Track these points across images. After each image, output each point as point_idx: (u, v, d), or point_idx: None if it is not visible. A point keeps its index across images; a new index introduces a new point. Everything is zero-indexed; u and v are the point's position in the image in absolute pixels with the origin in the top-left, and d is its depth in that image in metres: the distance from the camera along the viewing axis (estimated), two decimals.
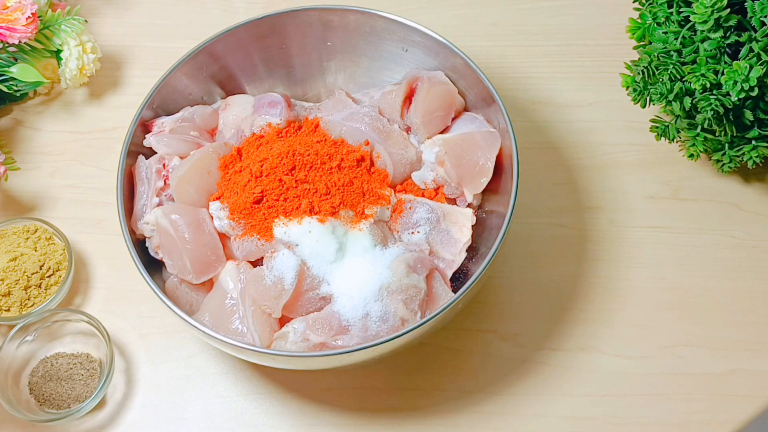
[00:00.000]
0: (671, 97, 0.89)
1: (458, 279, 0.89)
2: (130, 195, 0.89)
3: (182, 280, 0.87)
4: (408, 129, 0.94)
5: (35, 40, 1.04)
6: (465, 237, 0.88)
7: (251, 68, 0.98)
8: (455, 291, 0.86)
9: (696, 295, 0.94)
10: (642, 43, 0.94)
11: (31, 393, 0.89)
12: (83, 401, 0.88)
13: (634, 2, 0.95)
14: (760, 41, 0.84)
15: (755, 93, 0.83)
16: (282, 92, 0.96)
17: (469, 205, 0.91)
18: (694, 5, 0.84)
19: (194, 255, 0.86)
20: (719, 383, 0.89)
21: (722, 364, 0.90)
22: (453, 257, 0.88)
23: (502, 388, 0.90)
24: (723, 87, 0.85)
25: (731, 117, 0.89)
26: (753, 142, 0.91)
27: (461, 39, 0.96)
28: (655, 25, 0.91)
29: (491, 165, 0.90)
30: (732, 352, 0.91)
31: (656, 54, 0.90)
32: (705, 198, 0.99)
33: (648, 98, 0.92)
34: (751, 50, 0.84)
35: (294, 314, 0.85)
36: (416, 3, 1.13)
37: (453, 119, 0.94)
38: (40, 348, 0.91)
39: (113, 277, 0.96)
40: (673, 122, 0.94)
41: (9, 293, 0.92)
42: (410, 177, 0.92)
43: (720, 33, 0.85)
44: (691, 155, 0.95)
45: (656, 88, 0.89)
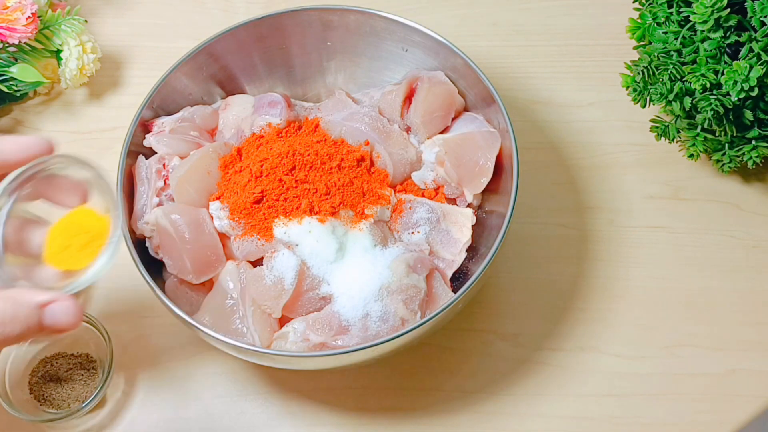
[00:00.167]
0: (671, 97, 0.89)
1: (458, 279, 0.89)
2: (130, 195, 0.89)
3: (182, 280, 0.87)
4: (408, 129, 0.93)
5: (35, 40, 1.04)
6: (465, 237, 0.88)
7: (251, 68, 0.98)
8: (455, 291, 0.86)
9: (696, 295, 0.94)
10: (642, 43, 0.94)
11: (31, 393, 0.89)
12: (83, 401, 0.88)
13: (634, 2, 0.95)
14: (760, 41, 0.84)
15: (755, 93, 0.83)
16: (282, 92, 0.96)
17: (469, 205, 0.91)
18: (694, 5, 0.84)
19: (194, 255, 0.86)
20: (719, 383, 0.89)
21: (722, 364, 0.90)
22: (453, 257, 0.88)
23: (502, 388, 0.90)
24: (723, 87, 0.85)
25: (731, 117, 0.89)
26: (753, 142, 0.91)
27: (461, 39, 0.96)
28: (655, 25, 0.91)
29: (491, 165, 0.90)
30: (732, 352, 0.91)
31: (656, 54, 0.90)
32: (705, 198, 0.99)
33: (648, 98, 0.92)
34: (751, 50, 0.84)
35: (294, 314, 0.85)
36: (416, 3, 1.13)
37: (453, 119, 0.94)
38: (40, 348, 0.91)
39: (113, 277, 0.96)
40: (673, 122, 0.94)
41: None
42: (410, 177, 0.92)
43: (720, 33, 0.85)
44: (691, 155, 0.95)
45: (656, 88, 0.89)
